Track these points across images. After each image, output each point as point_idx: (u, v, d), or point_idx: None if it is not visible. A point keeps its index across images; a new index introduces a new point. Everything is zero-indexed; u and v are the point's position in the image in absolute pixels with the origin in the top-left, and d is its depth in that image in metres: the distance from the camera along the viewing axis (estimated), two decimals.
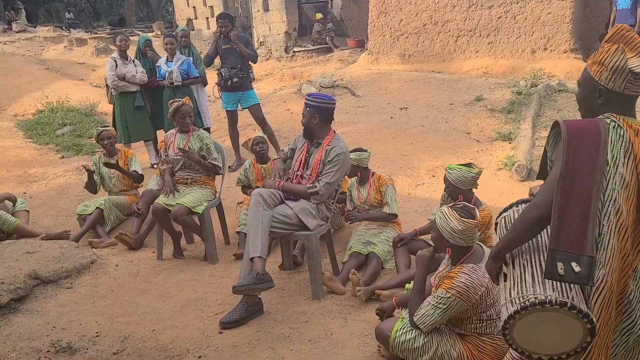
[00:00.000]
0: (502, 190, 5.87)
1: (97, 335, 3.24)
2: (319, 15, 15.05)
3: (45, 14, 28.02)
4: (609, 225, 1.78)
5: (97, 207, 5.15)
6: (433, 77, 9.86)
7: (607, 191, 1.79)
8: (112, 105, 6.91)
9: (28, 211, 5.29)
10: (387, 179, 4.36)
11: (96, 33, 20.05)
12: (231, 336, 3.21)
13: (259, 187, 3.87)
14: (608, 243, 1.78)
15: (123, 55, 6.59)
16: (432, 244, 2.82)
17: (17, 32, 19.47)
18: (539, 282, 1.84)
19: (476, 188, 3.76)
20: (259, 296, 3.48)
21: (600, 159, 1.78)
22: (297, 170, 3.84)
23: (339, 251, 4.38)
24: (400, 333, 2.73)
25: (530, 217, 1.92)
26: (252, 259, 3.35)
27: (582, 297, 1.80)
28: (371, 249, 4.08)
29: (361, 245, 4.12)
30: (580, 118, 2.02)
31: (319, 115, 3.77)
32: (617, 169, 1.80)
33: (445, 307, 2.57)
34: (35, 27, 21.75)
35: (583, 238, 1.75)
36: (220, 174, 4.70)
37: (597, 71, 1.90)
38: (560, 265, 1.74)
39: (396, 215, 4.27)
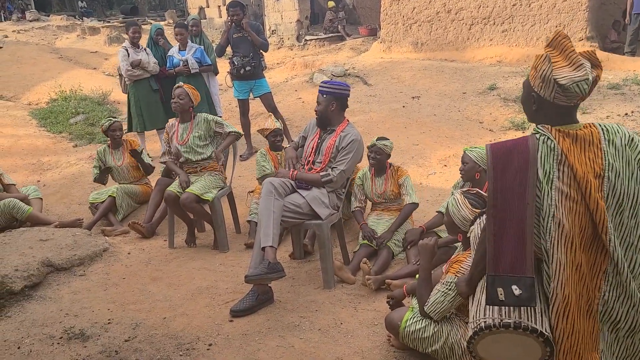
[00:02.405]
0: None
1: (109, 322, 3.26)
2: (331, 4, 14.94)
3: (59, 2, 28.14)
4: (551, 240, 1.78)
5: (109, 195, 5.19)
6: (446, 65, 9.76)
7: (544, 207, 1.78)
8: (125, 95, 6.93)
9: (41, 199, 5.34)
10: (404, 170, 4.32)
11: (109, 22, 20.11)
12: (241, 324, 3.22)
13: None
14: (552, 257, 1.78)
15: (135, 44, 6.60)
16: (442, 237, 2.81)
17: (30, 21, 19.61)
18: (489, 305, 1.89)
19: None
20: (269, 285, 3.49)
21: (530, 178, 1.76)
22: (309, 156, 3.83)
23: (349, 240, 4.37)
24: (410, 323, 2.72)
25: (481, 246, 1.96)
26: (263, 249, 3.35)
27: (538, 310, 1.83)
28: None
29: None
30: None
31: (336, 102, 3.75)
32: (551, 183, 1.77)
33: (454, 292, 2.54)
34: (48, 15, 21.88)
35: (521, 260, 1.76)
36: (237, 132, 4.64)
37: (532, 76, 1.87)
38: (500, 290, 1.78)
39: (417, 205, 4.22)
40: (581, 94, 1.78)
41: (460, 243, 2.73)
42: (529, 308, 1.82)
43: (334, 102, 3.74)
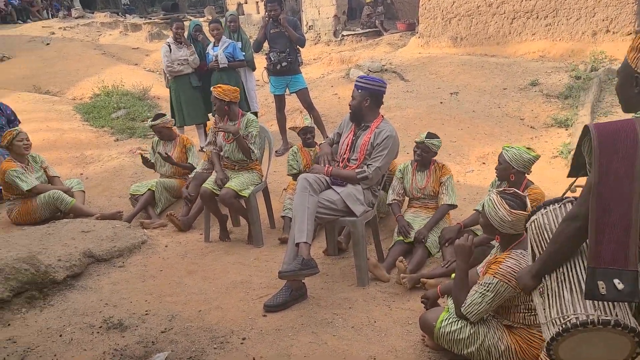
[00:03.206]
0: (557, 179, 5.64)
1: (146, 314, 3.33)
2: None
3: (102, 0, 28.86)
4: None
5: (148, 189, 5.30)
6: (486, 60, 9.55)
7: None
8: (167, 90, 7.07)
9: (84, 191, 5.50)
10: (448, 169, 4.25)
11: (150, 19, 20.51)
12: (275, 320, 3.24)
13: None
14: None
15: (178, 40, 6.71)
16: (478, 235, 2.75)
17: (76, 18, 20.18)
18: (578, 300, 1.76)
19: (528, 174, 3.66)
20: (303, 281, 3.49)
21: (638, 164, 1.63)
22: (344, 154, 3.81)
23: (384, 238, 4.33)
24: (446, 323, 2.67)
25: (569, 230, 1.80)
26: (297, 245, 3.36)
27: (628, 308, 1.71)
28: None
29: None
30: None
31: (370, 98, 3.72)
32: None
33: (492, 293, 2.48)
34: (93, 13, 22.47)
35: (625, 252, 1.64)
36: (253, 160, 4.66)
37: (634, 58, 1.74)
38: (601, 284, 1.65)
39: (456, 206, 4.16)
40: None
41: (498, 244, 2.66)
42: (619, 304, 1.70)
43: (368, 97, 3.71)
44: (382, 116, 3.83)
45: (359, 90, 3.73)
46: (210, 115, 6.99)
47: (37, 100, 10.03)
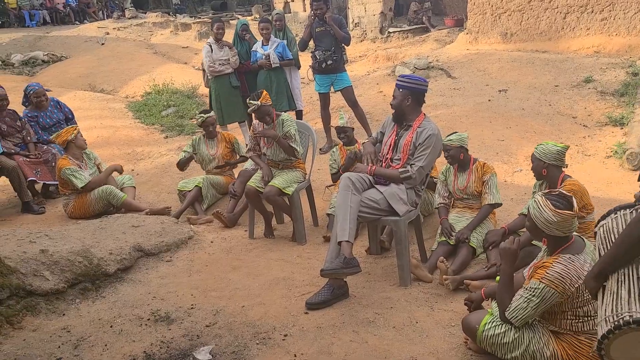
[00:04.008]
0: (611, 180, 5.43)
1: (192, 307, 3.43)
2: None
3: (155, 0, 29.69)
4: None
5: (195, 185, 5.43)
6: (537, 57, 9.26)
7: None
8: (208, 89, 7.22)
9: (134, 187, 5.69)
10: (490, 167, 4.18)
11: (199, 18, 20.94)
12: (316, 317, 3.27)
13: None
14: None
15: (219, 40, 6.85)
16: None
17: (129, 19, 20.87)
18: (635, 299, 1.72)
19: (565, 167, 3.58)
20: (344, 279, 3.51)
21: None
22: (387, 154, 3.79)
23: (427, 238, 4.29)
24: (489, 327, 2.63)
25: (637, 232, 1.75)
26: (339, 243, 3.37)
27: None
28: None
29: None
30: None
31: (412, 97, 3.69)
32: None
33: (538, 299, 2.42)
34: (145, 13, 23.15)
35: None
36: (298, 158, 4.72)
37: None
38: None
39: (501, 204, 4.09)
40: None
41: (545, 247, 2.59)
42: None
43: (409, 96, 3.69)
44: (425, 114, 3.79)
45: (400, 90, 3.71)
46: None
47: (92, 99, 10.43)
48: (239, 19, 13.39)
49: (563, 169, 3.62)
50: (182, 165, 5.60)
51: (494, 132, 6.73)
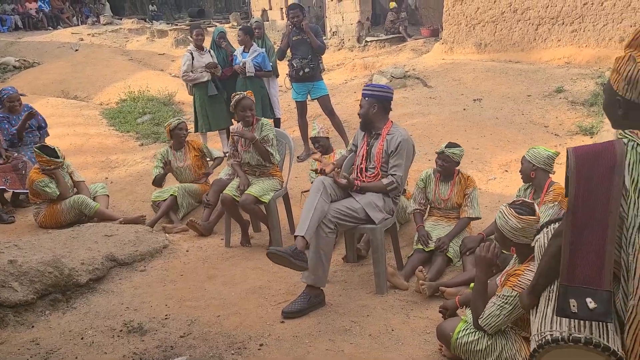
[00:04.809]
0: None
1: (166, 318, 3.38)
2: (392, 4, 14.81)
3: (131, 6, 29.42)
4: (635, 254, 1.64)
5: (171, 194, 5.37)
6: (510, 67, 9.44)
7: (629, 218, 1.65)
8: (191, 97, 7.14)
9: (108, 196, 5.60)
10: (473, 180, 4.22)
11: (176, 25, 20.83)
12: (292, 326, 3.25)
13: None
14: (635, 272, 1.64)
15: (199, 47, 6.80)
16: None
17: (104, 25, 20.62)
18: (557, 317, 1.78)
19: (552, 173, 3.66)
20: (321, 288, 3.50)
21: (615, 186, 1.64)
22: (361, 164, 3.82)
23: (403, 246, 4.31)
24: (463, 334, 2.65)
25: (553, 248, 1.84)
26: (295, 237, 3.35)
27: (613, 327, 1.71)
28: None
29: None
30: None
31: (378, 104, 3.75)
32: (639, 192, 1.64)
33: (511, 307, 2.46)
34: (120, 19, 22.92)
35: (599, 272, 1.64)
36: (273, 163, 4.70)
37: (615, 80, 1.74)
38: (572, 302, 1.66)
39: (480, 218, 4.15)
40: None
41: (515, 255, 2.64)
42: (600, 324, 1.71)
43: (375, 104, 3.74)
44: (392, 122, 3.84)
45: (366, 98, 3.77)
46: (234, 120, 7.05)
47: (65, 105, 10.26)
48: (216, 26, 13.36)
49: (550, 175, 3.70)
50: (159, 182, 5.47)
51: (469, 140, 6.81)
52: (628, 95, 1.72)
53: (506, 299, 2.46)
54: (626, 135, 1.73)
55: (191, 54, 6.74)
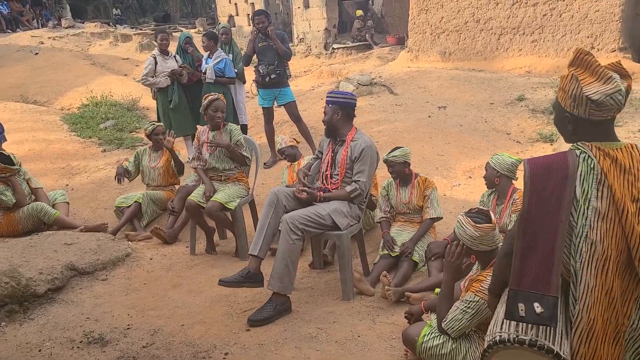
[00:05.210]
0: None
1: (128, 328, 3.30)
2: (359, 12, 14.95)
3: (94, 10, 28.87)
4: (582, 261, 1.73)
5: (135, 201, 5.27)
6: (474, 75, 9.64)
7: (577, 227, 1.74)
8: (155, 101, 7.03)
9: (68, 203, 5.45)
10: (431, 182, 4.29)
11: (141, 29, 20.51)
12: (258, 334, 3.22)
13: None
14: (581, 279, 1.73)
15: (164, 52, 6.69)
16: None
17: (66, 28, 20.13)
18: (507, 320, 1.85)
19: (515, 179, 3.74)
20: (288, 295, 3.49)
21: (567, 196, 1.73)
22: (326, 171, 3.83)
23: (369, 252, 4.33)
24: (428, 338, 2.67)
25: (501, 251, 1.96)
26: (249, 256, 3.47)
27: (558, 330, 1.77)
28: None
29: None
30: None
31: (341, 111, 3.78)
32: (588, 203, 1.74)
33: (474, 311, 2.50)
34: (83, 23, 22.43)
35: (547, 277, 1.72)
36: (248, 165, 4.69)
37: (562, 98, 1.85)
38: (521, 306, 1.74)
39: (441, 218, 4.20)
40: (617, 105, 1.77)
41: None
42: (547, 328, 1.77)
43: (339, 111, 3.78)
44: (356, 128, 3.88)
45: (330, 105, 3.81)
46: (199, 126, 6.96)
47: (24, 110, 9.94)
48: (182, 31, 13.23)
49: (513, 181, 3.78)
50: (121, 177, 5.39)
51: (434, 147, 6.92)
52: (575, 111, 1.81)
53: (469, 304, 2.50)
54: (578, 147, 1.81)
55: (155, 58, 6.62)
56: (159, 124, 5.53)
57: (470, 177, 6.14)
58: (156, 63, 6.57)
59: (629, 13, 9.22)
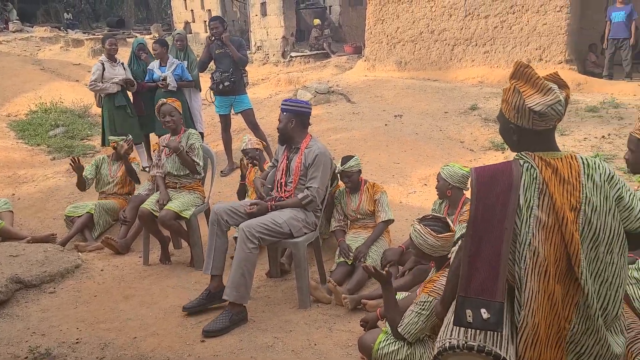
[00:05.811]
0: None
1: (77, 342, 3.18)
2: (317, 21, 15.07)
3: (44, 14, 27.95)
4: (525, 268, 1.79)
5: (87, 212, 5.09)
6: (429, 85, 9.85)
7: (521, 235, 1.80)
8: (100, 109, 6.81)
9: (12, 212, 5.22)
10: (380, 186, 4.34)
11: (94, 34, 20.01)
12: (213, 345, 3.16)
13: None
14: (526, 285, 1.79)
15: (112, 58, 6.51)
16: None
17: (13, 32, 19.43)
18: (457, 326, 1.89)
19: (466, 190, 3.81)
20: (244, 304, 3.44)
21: (511, 204, 1.79)
22: (281, 179, 3.82)
23: (326, 259, 4.33)
24: (384, 345, 2.68)
25: (457, 259, 1.97)
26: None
27: (505, 336, 1.82)
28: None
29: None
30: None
31: (295, 119, 3.78)
32: (531, 211, 1.80)
33: (428, 312, 2.52)
34: (32, 27, 21.69)
35: (493, 284, 1.77)
36: (199, 172, 4.61)
37: (506, 109, 1.91)
38: (468, 312, 1.78)
39: (393, 220, 4.24)
40: (558, 115, 1.83)
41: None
42: (494, 333, 1.82)
43: (293, 119, 3.78)
44: (311, 136, 3.89)
45: (285, 113, 3.81)
46: (155, 134, 6.80)
47: None
48: (136, 37, 12.98)
49: (464, 192, 3.84)
50: (83, 185, 5.23)
51: (391, 155, 7.01)
52: (519, 122, 1.86)
53: (423, 305, 2.53)
54: (522, 156, 1.87)
55: (102, 64, 6.41)
56: (122, 138, 5.38)
57: (425, 184, 6.25)
58: (104, 69, 6.38)
59: (574, 27, 9.65)
